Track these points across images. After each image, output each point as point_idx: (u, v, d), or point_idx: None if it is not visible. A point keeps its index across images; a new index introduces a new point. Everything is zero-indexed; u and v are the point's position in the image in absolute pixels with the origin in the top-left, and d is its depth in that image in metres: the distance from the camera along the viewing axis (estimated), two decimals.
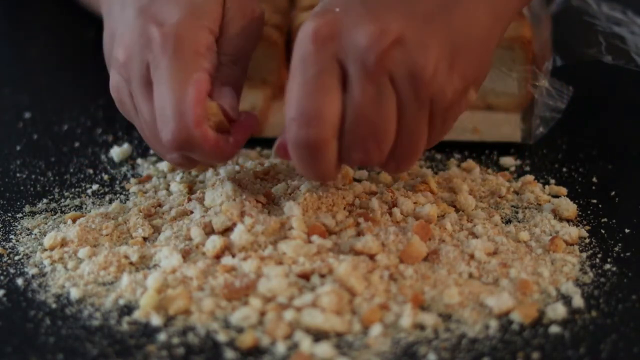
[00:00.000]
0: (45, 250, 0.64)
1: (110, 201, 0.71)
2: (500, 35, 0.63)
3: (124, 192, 0.72)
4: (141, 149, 0.77)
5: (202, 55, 0.61)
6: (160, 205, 0.68)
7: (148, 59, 0.60)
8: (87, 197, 0.72)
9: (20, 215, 0.69)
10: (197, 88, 0.59)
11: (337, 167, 0.59)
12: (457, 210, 0.67)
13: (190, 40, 0.60)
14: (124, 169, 0.75)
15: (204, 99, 0.59)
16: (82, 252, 0.63)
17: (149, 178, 0.73)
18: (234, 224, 0.62)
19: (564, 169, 0.74)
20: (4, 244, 0.65)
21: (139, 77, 0.61)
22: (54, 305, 0.59)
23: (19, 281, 0.61)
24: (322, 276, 0.59)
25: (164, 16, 0.61)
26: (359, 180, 0.69)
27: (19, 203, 0.70)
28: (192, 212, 0.65)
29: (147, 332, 0.56)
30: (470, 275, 0.60)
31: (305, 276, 0.58)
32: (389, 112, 0.57)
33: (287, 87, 0.57)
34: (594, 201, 0.69)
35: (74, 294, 0.59)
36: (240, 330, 0.56)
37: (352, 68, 0.56)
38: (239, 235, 0.61)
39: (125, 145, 0.77)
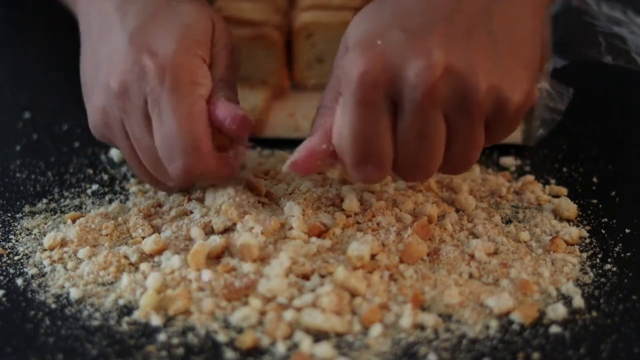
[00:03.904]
0: (45, 250, 0.64)
1: (110, 201, 0.71)
2: (541, 24, 0.63)
3: (123, 192, 0.72)
4: None
5: (199, 85, 0.61)
6: (160, 205, 0.68)
7: (145, 91, 0.60)
8: (87, 197, 0.72)
9: (20, 215, 0.69)
10: (203, 120, 0.60)
11: None
12: (457, 210, 0.67)
13: (187, 71, 0.60)
14: (123, 169, 0.75)
15: (209, 129, 0.60)
16: (82, 252, 0.63)
17: None
18: (234, 224, 0.62)
19: (564, 169, 0.74)
20: (3, 244, 0.65)
21: (138, 109, 0.61)
22: (53, 306, 0.59)
23: (19, 281, 0.61)
24: (322, 276, 0.59)
25: (157, 46, 0.61)
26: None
27: (18, 203, 0.70)
28: (192, 212, 0.65)
29: (147, 332, 0.56)
30: (471, 276, 0.60)
31: (305, 276, 0.58)
32: (438, 140, 0.57)
33: (339, 127, 0.57)
34: (594, 201, 0.69)
35: (74, 294, 0.59)
36: (240, 330, 0.56)
37: (402, 104, 0.56)
38: (239, 235, 0.61)
39: None
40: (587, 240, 0.65)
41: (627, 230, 0.65)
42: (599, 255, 0.63)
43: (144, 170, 0.65)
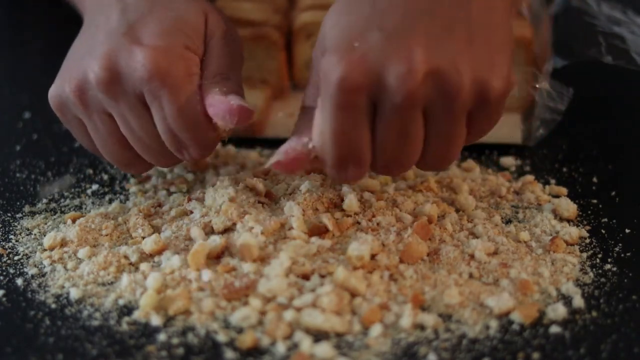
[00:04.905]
0: (45, 250, 0.64)
1: (110, 201, 0.71)
2: (510, 5, 0.62)
3: (123, 192, 0.72)
4: None
5: (194, 75, 0.61)
6: (160, 205, 0.68)
7: (140, 85, 0.60)
8: (87, 197, 0.72)
9: (20, 215, 0.69)
10: (204, 111, 0.61)
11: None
12: (457, 210, 0.67)
13: (181, 64, 0.61)
14: None
15: (209, 117, 0.61)
16: (82, 252, 0.63)
17: (148, 178, 0.73)
18: (234, 224, 0.62)
19: (564, 169, 0.74)
20: (3, 244, 0.65)
21: (132, 98, 0.61)
22: (53, 306, 0.59)
23: (19, 281, 0.61)
24: (322, 276, 0.59)
25: (150, 40, 0.61)
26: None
27: (18, 203, 0.70)
28: (192, 212, 0.65)
29: (147, 332, 0.56)
30: (471, 276, 0.60)
31: (305, 276, 0.58)
32: (417, 139, 0.57)
33: (320, 129, 0.57)
34: (594, 201, 0.69)
35: (74, 294, 0.59)
36: (240, 330, 0.56)
37: (382, 106, 0.56)
38: (239, 235, 0.61)
39: None
40: (587, 240, 0.65)
41: (627, 230, 0.65)
42: (599, 255, 0.63)
43: (118, 151, 0.64)
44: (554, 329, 0.56)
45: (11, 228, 0.67)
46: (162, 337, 0.55)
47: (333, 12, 0.59)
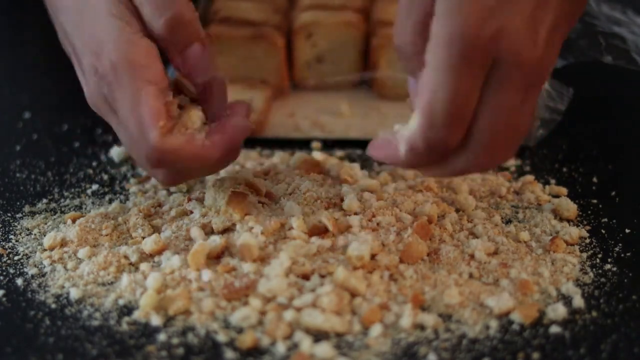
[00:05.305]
0: (45, 250, 0.64)
1: (110, 201, 0.71)
2: None
3: (123, 192, 0.72)
4: None
5: (143, 67, 0.58)
6: (160, 205, 0.68)
7: (103, 92, 0.59)
8: (87, 197, 0.72)
9: (20, 215, 0.69)
10: (149, 104, 0.57)
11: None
12: (457, 210, 0.67)
13: (126, 60, 0.58)
14: (123, 169, 0.75)
15: (160, 111, 0.58)
16: (82, 252, 0.63)
17: (149, 178, 0.73)
18: (234, 224, 0.62)
19: (564, 169, 0.74)
20: (3, 244, 0.65)
21: (106, 109, 0.61)
22: (53, 306, 0.59)
23: (19, 281, 0.61)
24: (322, 276, 0.59)
25: (99, 42, 0.59)
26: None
27: (18, 203, 0.70)
28: (192, 212, 0.65)
29: (147, 332, 0.56)
30: (471, 276, 0.60)
31: (305, 276, 0.58)
32: (530, 112, 0.55)
33: (432, 87, 0.53)
34: (594, 201, 0.69)
35: (74, 294, 0.59)
36: (240, 330, 0.56)
37: (504, 74, 0.53)
38: (239, 235, 0.61)
39: None
40: (587, 240, 0.65)
41: (627, 230, 0.65)
42: (599, 255, 0.63)
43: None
44: (554, 329, 0.56)
45: (11, 228, 0.67)
46: (162, 337, 0.55)
47: None
